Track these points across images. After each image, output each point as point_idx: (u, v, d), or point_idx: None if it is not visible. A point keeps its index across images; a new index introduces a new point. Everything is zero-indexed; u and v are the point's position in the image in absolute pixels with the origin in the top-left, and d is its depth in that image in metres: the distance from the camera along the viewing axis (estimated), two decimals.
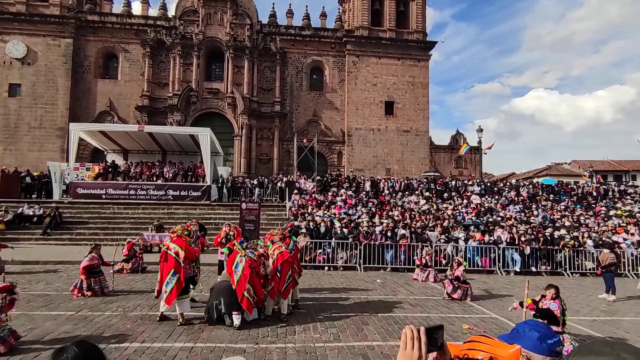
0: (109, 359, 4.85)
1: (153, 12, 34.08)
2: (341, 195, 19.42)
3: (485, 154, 26.63)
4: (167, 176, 19.77)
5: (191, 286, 7.06)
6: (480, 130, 25.07)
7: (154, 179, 19.60)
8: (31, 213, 16.40)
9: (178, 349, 5.33)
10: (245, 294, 6.21)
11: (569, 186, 23.60)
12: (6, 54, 29.69)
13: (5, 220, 15.69)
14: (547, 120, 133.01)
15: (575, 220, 17.75)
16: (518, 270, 13.32)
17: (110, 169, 19.83)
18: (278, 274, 6.77)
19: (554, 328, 5.50)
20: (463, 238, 14.13)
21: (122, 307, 7.31)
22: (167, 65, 31.58)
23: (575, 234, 15.16)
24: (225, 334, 6.00)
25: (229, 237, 9.54)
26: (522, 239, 13.92)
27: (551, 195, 21.86)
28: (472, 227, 15.51)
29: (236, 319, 6.21)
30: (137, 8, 34.59)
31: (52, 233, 15.65)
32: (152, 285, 9.52)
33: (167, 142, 21.18)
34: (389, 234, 13.54)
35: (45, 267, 11.43)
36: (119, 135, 20.49)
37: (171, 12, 32.88)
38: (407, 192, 20.85)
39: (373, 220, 15.58)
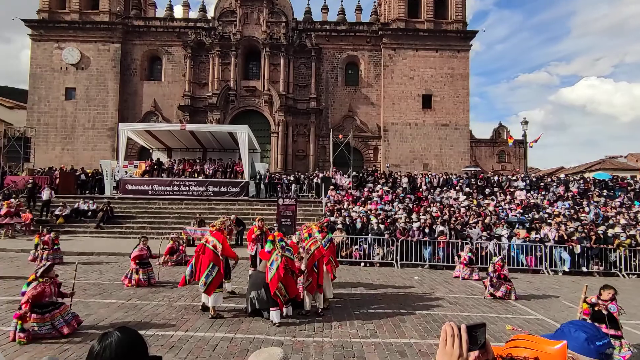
0: (156, 345, 5.14)
1: (193, 14, 35.37)
2: (377, 191, 19.26)
3: (531, 147, 25.37)
4: (207, 173, 20.49)
5: (224, 280, 7.18)
6: (525, 122, 24.04)
7: (195, 175, 20.38)
8: (86, 208, 17.64)
9: (219, 338, 5.53)
10: (277, 292, 6.25)
11: (625, 181, 21.90)
12: (62, 60, 31.97)
13: (64, 214, 16.98)
14: (599, 110, 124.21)
15: (632, 217, 16.49)
16: (567, 270, 12.64)
17: (155, 166, 20.86)
18: (315, 269, 6.79)
19: (614, 332, 5.13)
20: (506, 235, 13.64)
21: (168, 297, 7.69)
22: (207, 66, 32.64)
23: (632, 232, 14.08)
24: (264, 326, 6.15)
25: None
26: (572, 237, 13.14)
27: (605, 191, 20.40)
28: (516, 224, 14.89)
29: (275, 316, 6.23)
30: (178, 11, 36.01)
31: (104, 227, 16.75)
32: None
33: (207, 140, 21.94)
34: (426, 230, 13.29)
35: (98, 258, 12.26)
36: (163, 134, 21.47)
37: (210, 14, 33.95)
38: (445, 188, 20.33)
39: (410, 216, 15.36)
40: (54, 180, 20.43)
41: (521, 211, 16.95)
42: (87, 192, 20.96)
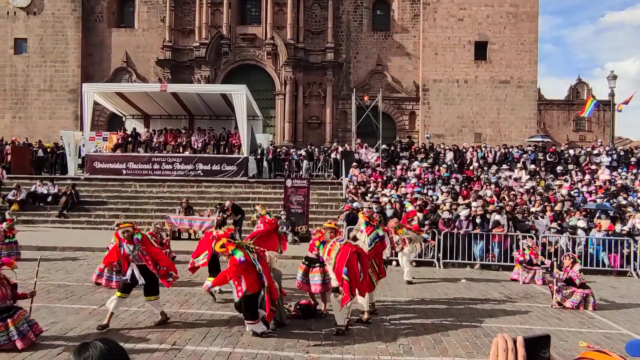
0: None
1: None
2: (414, 170, 19.15)
3: (620, 110, 24.76)
4: (195, 146, 20.70)
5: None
6: (614, 77, 23.47)
7: (180, 150, 20.62)
8: (45, 191, 18.13)
9: (214, 353, 5.74)
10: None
11: None
12: (9, 2, 32.26)
13: (18, 199, 17.53)
14: None
15: None
16: None
17: (130, 139, 21.18)
18: (345, 277, 6.46)
19: None
20: (584, 227, 13.51)
21: None
22: (192, 7, 32.52)
23: None
24: (270, 339, 6.33)
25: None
26: None
27: None
28: (597, 213, 14.71)
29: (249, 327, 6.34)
30: None
31: (68, 215, 17.25)
32: (182, 276, 10.22)
33: (194, 105, 22.06)
34: (478, 220, 13.25)
35: (63, 253, 12.70)
36: (139, 97, 21.67)
37: None
38: (504, 165, 20.10)
39: (456, 202, 15.30)
40: (5, 157, 21.00)
41: (604, 196, 16.69)
42: (46, 171, 21.47)
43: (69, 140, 20.72)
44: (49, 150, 22.08)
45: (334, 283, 6.69)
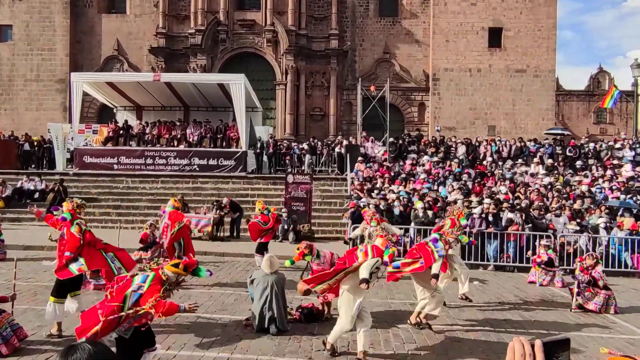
0: None
1: None
2: (423, 165, 19.13)
3: None
4: (191, 140, 20.71)
5: None
6: (638, 66, 23.31)
7: (175, 143, 20.64)
8: (32, 187, 18.20)
9: (211, 359, 5.76)
10: None
11: None
12: None
13: (4, 195, 17.61)
14: None
15: None
16: None
17: (121, 132, 21.21)
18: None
19: None
20: (604, 226, 13.47)
21: None
22: None
23: None
24: (269, 344, 6.34)
25: None
26: None
27: None
28: (619, 211, 14.66)
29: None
30: None
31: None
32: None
33: (189, 95, 22.07)
34: (491, 218, 13.24)
35: (51, 253, 12.69)
36: (131, 87, 21.69)
37: None
38: (519, 160, 20.05)
39: (469, 199, 15.28)
40: None
41: (627, 192, 16.64)
42: (33, 166, 21.53)
43: (57, 133, 20.76)
44: (36, 143, 22.13)
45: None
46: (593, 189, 16.94)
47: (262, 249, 10.79)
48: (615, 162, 19.81)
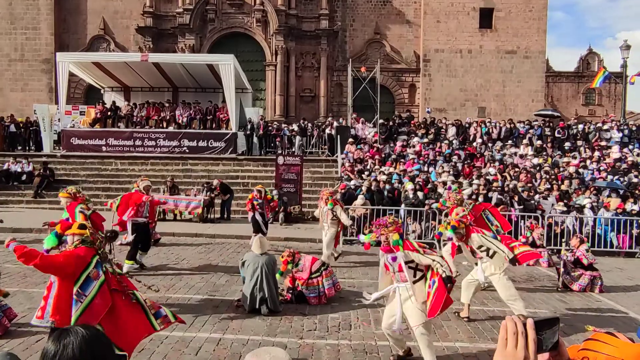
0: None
1: None
2: (414, 146, 19.19)
3: (632, 83, 24.69)
4: (180, 121, 20.55)
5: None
6: (627, 47, 23.50)
7: (164, 125, 20.47)
8: (19, 170, 18.04)
9: (203, 339, 5.80)
10: None
11: None
12: None
13: None
14: None
15: None
16: None
17: (109, 113, 20.98)
18: None
19: None
20: (591, 206, 13.66)
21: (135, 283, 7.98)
22: None
23: None
24: (261, 324, 6.40)
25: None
26: None
27: None
28: (606, 191, 14.85)
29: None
30: None
31: (44, 194, 17.15)
32: (166, 260, 10.29)
33: (178, 76, 21.83)
34: (480, 199, 13.34)
35: (39, 236, 12.62)
36: (118, 67, 21.38)
37: None
38: (509, 142, 20.17)
39: (459, 180, 15.38)
40: None
41: (614, 173, 16.83)
42: (20, 148, 21.27)
43: (44, 115, 20.44)
44: (22, 125, 21.82)
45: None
46: (581, 170, 17.14)
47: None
48: (603, 143, 20.01)
